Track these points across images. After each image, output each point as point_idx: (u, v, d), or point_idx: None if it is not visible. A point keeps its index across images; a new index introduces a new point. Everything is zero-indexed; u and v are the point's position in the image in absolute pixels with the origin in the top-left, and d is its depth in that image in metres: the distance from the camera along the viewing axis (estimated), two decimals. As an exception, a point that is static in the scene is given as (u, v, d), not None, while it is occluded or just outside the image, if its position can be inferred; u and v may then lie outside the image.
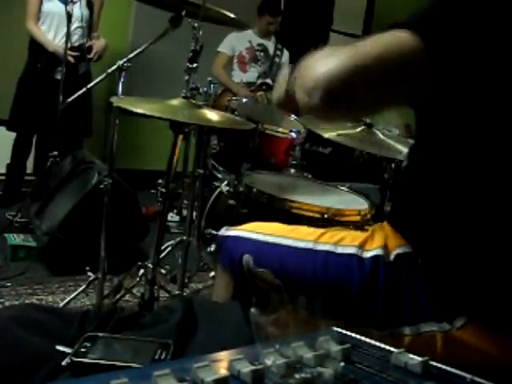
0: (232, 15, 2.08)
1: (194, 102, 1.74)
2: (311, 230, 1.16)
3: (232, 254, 1.20)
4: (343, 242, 1.08)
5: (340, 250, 1.07)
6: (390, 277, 1.01)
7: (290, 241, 1.13)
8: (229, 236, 1.25)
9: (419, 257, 1.00)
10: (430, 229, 1.00)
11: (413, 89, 0.88)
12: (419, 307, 0.98)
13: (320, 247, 1.08)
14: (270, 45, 4.13)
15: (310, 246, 1.10)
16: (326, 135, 2.02)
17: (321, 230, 1.14)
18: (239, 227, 1.27)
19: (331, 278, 1.05)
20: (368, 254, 1.04)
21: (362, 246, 1.06)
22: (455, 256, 0.96)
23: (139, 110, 1.54)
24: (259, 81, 4.00)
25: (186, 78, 1.77)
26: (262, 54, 4.10)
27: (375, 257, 1.03)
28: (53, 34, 3.31)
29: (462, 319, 0.95)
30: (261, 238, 1.17)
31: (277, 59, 4.11)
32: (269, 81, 3.99)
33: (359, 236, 1.10)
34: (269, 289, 1.12)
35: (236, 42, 4.06)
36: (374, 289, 1.01)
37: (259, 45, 4.10)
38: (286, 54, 4.17)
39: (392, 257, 1.03)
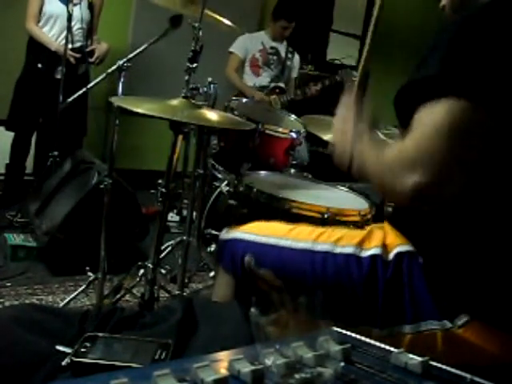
0: (229, 22, 2.08)
1: (193, 102, 1.74)
2: (310, 229, 1.17)
3: (233, 255, 1.21)
4: (341, 241, 1.09)
5: (338, 249, 1.08)
6: (389, 275, 1.01)
7: (289, 242, 1.14)
8: (230, 238, 1.26)
9: (421, 255, 1.00)
10: (432, 227, 1.00)
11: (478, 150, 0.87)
12: (420, 306, 0.98)
13: (318, 247, 1.09)
14: (282, 48, 4.07)
15: (308, 246, 1.11)
16: (326, 137, 2.03)
17: (320, 230, 1.15)
18: (240, 228, 1.27)
19: (330, 278, 1.06)
20: (366, 253, 1.05)
21: (360, 246, 1.06)
22: (458, 254, 0.97)
23: (139, 110, 1.53)
24: (272, 84, 3.96)
25: (186, 77, 1.77)
26: (274, 57, 4.04)
27: (373, 256, 1.04)
28: (55, 36, 3.31)
29: (464, 317, 0.95)
30: (261, 239, 1.18)
31: (288, 62, 4.08)
32: (282, 84, 3.97)
33: (357, 235, 1.11)
34: (270, 289, 1.13)
35: (249, 44, 3.99)
36: (373, 288, 1.01)
37: (272, 48, 4.04)
38: (296, 58, 4.15)
39: (391, 256, 1.03)
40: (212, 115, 1.72)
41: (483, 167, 0.90)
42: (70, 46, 3.14)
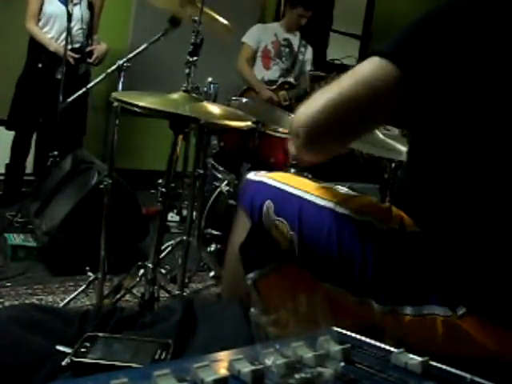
0: (225, 22, 2.07)
1: (194, 95, 1.73)
2: (336, 191, 1.18)
3: (254, 198, 1.21)
4: (362, 210, 1.08)
5: (358, 217, 1.07)
6: (402, 253, 1.01)
7: (313, 197, 1.13)
8: (257, 180, 1.25)
9: (428, 240, 1.01)
10: (435, 210, 1.01)
11: (382, 114, 0.99)
12: (424, 289, 0.98)
13: (341, 210, 1.09)
14: (295, 40, 3.97)
15: (331, 205, 1.10)
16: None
17: (347, 194, 1.16)
18: (268, 174, 1.27)
19: (345, 241, 1.05)
20: (384, 227, 1.04)
21: (379, 218, 1.06)
22: (456, 248, 0.97)
23: (140, 103, 1.52)
24: (280, 79, 3.89)
25: (187, 71, 1.75)
26: (286, 49, 3.93)
27: (391, 230, 1.03)
28: (55, 36, 3.32)
29: (462, 308, 0.95)
30: (286, 188, 1.18)
31: (300, 56, 3.98)
32: (291, 79, 3.91)
33: (379, 207, 1.11)
34: (281, 240, 1.13)
35: (262, 35, 3.88)
36: (385, 262, 1.01)
37: (285, 39, 3.93)
38: (309, 51, 4.04)
39: (407, 231, 1.03)
40: (214, 109, 1.72)
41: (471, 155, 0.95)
42: (69, 46, 3.14)
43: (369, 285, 1.02)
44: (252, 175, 1.29)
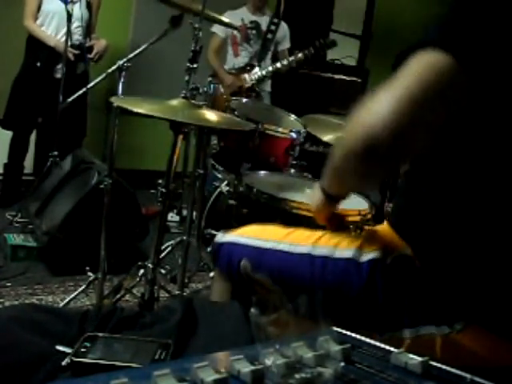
0: (227, 20, 2.08)
1: (193, 102, 1.74)
2: (308, 233, 1.15)
3: (230, 260, 1.19)
4: (340, 245, 1.07)
5: (338, 254, 1.05)
6: (388, 280, 1.00)
7: (287, 246, 1.11)
8: (225, 241, 1.23)
9: (419, 259, 1.00)
10: (430, 231, 0.99)
11: (450, 111, 0.85)
12: (418, 310, 0.97)
13: (318, 252, 1.07)
14: (264, 21, 3.91)
15: (307, 250, 1.08)
16: (325, 138, 2.03)
17: (318, 234, 1.13)
18: (236, 232, 1.25)
19: (330, 283, 1.04)
20: (365, 258, 1.02)
21: (359, 249, 1.04)
22: (455, 258, 0.96)
23: (139, 110, 1.53)
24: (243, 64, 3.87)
25: (186, 78, 1.77)
26: (253, 31, 3.88)
27: (373, 260, 1.02)
28: (53, 33, 3.31)
29: (461, 323, 0.94)
30: (258, 243, 1.16)
31: (269, 35, 3.91)
32: (255, 62, 3.87)
33: (356, 239, 1.08)
34: (267, 294, 1.11)
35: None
36: (373, 292, 1.00)
37: (252, 22, 3.89)
38: (283, 29, 3.96)
39: (389, 259, 1.02)
40: (212, 115, 1.72)
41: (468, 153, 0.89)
42: (68, 43, 3.14)
43: (362, 318, 1.01)
44: (220, 237, 1.26)
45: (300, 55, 3.71)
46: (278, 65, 3.75)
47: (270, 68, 3.78)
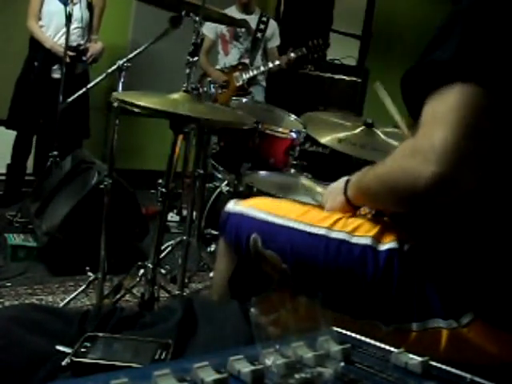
0: (230, 13, 2.07)
1: (195, 94, 1.72)
2: (325, 214, 1.12)
3: (239, 231, 1.15)
4: (358, 231, 1.04)
5: (355, 239, 1.03)
6: (405, 269, 0.98)
7: (302, 225, 1.08)
8: (237, 211, 1.19)
9: (426, 252, 0.99)
10: (436, 224, 0.99)
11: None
12: (427, 303, 0.97)
13: (334, 235, 1.04)
14: (253, 19, 3.94)
15: (323, 232, 1.05)
16: (323, 140, 2.02)
17: (335, 216, 1.09)
18: (248, 202, 1.21)
19: (343, 268, 1.01)
20: (384, 247, 1.01)
21: (377, 238, 1.02)
22: (463, 252, 0.96)
23: (140, 103, 1.51)
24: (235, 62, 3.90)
25: (187, 71, 1.74)
26: (242, 29, 3.91)
27: (391, 250, 1.00)
28: (52, 34, 3.32)
29: (468, 316, 0.94)
30: (271, 218, 1.12)
31: (259, 34, 3.95)
32: (246, 61, 3.91)
33: (375, 226, 1.06)
34: (274, 272, 1.08)
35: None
36: (388, 282, 0.98)
37: (240, 21, 3.93)
38: (272, 26, 4.01)
39: (407, 247, 1.00)
40: (213, 109, 1.71)
41: (494, 160, 0.88)
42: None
43: (372, 307, 1.00)
44: (231, 206, 1.22)
45: (292, 55, 3.74)
46: (270, 65, 3.80)
47: (262, 68, 3.84)
